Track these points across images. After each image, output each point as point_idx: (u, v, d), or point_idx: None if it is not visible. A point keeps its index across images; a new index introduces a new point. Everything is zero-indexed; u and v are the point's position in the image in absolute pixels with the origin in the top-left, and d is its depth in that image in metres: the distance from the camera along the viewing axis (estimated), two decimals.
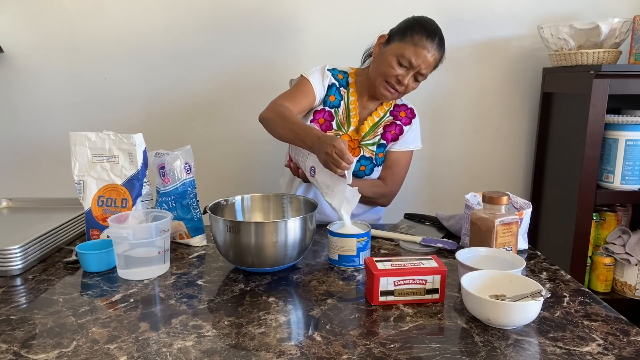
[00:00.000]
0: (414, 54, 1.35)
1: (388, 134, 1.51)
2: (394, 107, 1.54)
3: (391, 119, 1.53)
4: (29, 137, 1.97)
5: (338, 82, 1.50)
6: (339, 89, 1.49)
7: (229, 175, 2.03)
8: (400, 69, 1.38)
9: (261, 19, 1.90)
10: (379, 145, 1.51)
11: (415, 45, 1.35)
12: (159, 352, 0.76)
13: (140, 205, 1.20)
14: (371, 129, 1.51)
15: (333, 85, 1.48)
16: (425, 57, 1.36)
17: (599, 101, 1.59)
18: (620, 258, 1.70)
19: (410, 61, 1.36)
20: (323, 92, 1.47)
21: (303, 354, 0.76)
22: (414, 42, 1.35)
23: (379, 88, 1.43)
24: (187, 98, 1.96)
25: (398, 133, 1.52)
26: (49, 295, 0.97)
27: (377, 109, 1.53)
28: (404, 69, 1.38)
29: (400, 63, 1.37)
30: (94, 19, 1.87)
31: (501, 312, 0.82)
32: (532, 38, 1.95)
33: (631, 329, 0.84)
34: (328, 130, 1.48)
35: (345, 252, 1.11)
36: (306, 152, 1.24)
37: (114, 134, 1.19)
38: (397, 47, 1.37)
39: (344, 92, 1.50)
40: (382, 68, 1.40)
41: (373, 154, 1.50)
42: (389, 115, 1.53)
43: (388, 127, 1.52)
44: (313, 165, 1.23)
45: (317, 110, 1.48)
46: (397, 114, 1.54)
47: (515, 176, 2.09)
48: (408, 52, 1.35)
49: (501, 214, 1.04)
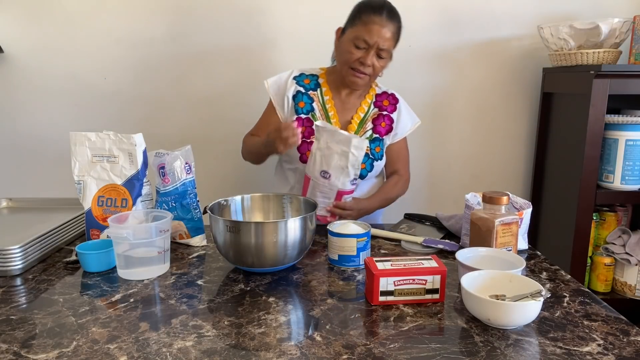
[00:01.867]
0: (367, 32, 1.37)
1: (380, 128, 1.52)
2: (376, 98, 1.55)
3: (377, 111, 1.54)
4: (29, 137, 1.97)
5: (304, 87, 1.52)
6: (306, 94, 1.51)
7: (229, 175, 2.03)
8: (358, 51, 1.40)
9: (261, 20, 1.90)
10: (372, 140, 1.52)
11: (366, 24, 1.38)
12: (159, 352, 0.76)
13: (140, 205, 1.20)
14: (359, 126, 1.51)
15: (298, 92, 1.51)
16: (379, 31, 1.37)
17: (599, 101, 1.59)
18: (620, 258, 1.70)
19: (365, 40, 1.38)
20: (288, 102, 1.51)
21: (303, 354, 0.76)
22: (363, 22, 1.38)
23: (347, 77, 1.45)
24: (187, 98, 1.96)
25: (389, 124, 1.54)
26: (49, 295, 0.97)
27: (361, 103, 1.54)
28: (363, 50, 1.40)
29: (357, 46, 1.40)
30: (94, 19, 1.87)
31: (501, 312, 0.82)
32: (532, 38, 1.95)
33: (631, 329, 0.84)
34: (310, 135, 1.48)
35: (345, 252, 1.11)
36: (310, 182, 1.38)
37: (114, 134, 1.19)
38: (351, 32, 1.41)
39: (314, 94, 1.51)
40: (344, 57, 1.43)
41: (368, 149, 1.51)
42: (373, 107, 1.54)
43: (377, 120, 1.53)
44: (322, 170, 1.33)
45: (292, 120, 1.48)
46: (380, 104, 1.55)
47: (515, 176, 2.09)
48: (361, 33, 1.38)
49: (501, 214, 1.04)
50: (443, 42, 1.96)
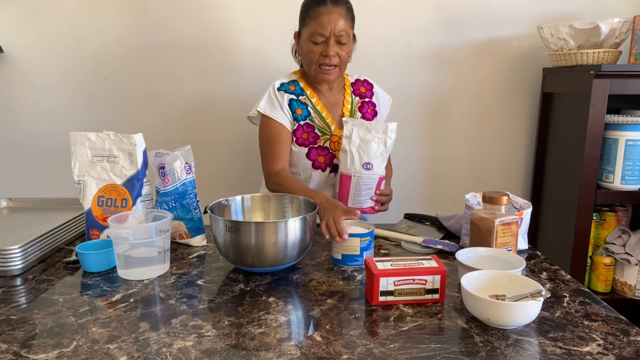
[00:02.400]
0: (318, 25, 1.38)
1: (367, 115, 1.55)
2: (353, 88, 1.57)
3: (359, 99, 1.56)
4: (29, 137, 1.97)
5: (294, 94, 1.50)
6: (298, 100, 1.50)
7: (229, 175, 2.03)
8: (318, 46, 1.40)
9: (261, 19, 1.90)
10: None
11: (314, 19, 1.38)
12: (159, 352, 0.76)
13: (140, 205, 1.20)
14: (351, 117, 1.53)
15: (292, 100, 1.49)
16: (329, 20, 1.37)
17: (599, 101, 1.59)
18: (620, 258, 1.70)
19: (320, 34, 1.38)
20: (289, 114, 1.48)
21: (303, 354, 0.76)
22: (312, 18, 1.39)
23: (317, 76, 1.45)
24: (187, 98, 1.96)
25: (373, 108, 1.56)
26: (49, 295, 0.97)
27: (345, 96, 1.54)
28: (322, 44, 1.40)
29: (315, 42, 1.40)
30: (94, 19, 1.87)
31: (501, 312, 0.82)
32: (532, 38, 1.95)
33: (631, 329, 0.84)
34: (316, 140, 1.48)
35: (348, 252, 1.11)
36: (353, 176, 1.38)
37: (114, 134, 1.19)
38: (305, 32, 1.42)
39: (304, 98, 1.51)
40: (307, 57, 1.43)
41: None
42: (354, 97, 1.56)
43: (362, 108, 1.55)
44: (364, 162, 1.37)
45: (294, 130, 1.48)
46: (359, 92, 1.57)
47: (515, 176, 2.09)
48: (314, 29, 1.39)
49: (501, 214, 1.04)
50: (443, 42, 1.95)
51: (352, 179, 1.37)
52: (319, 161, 1.48)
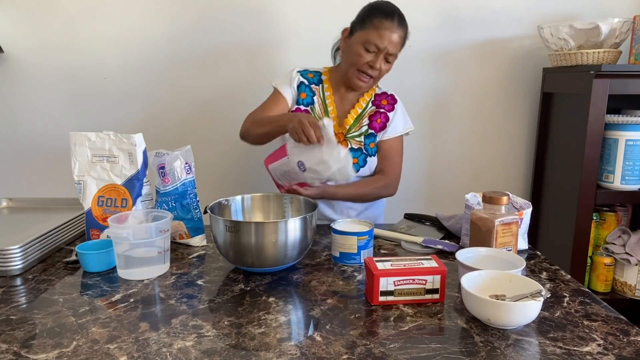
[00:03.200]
0: (378, 37, 1.38)
1: (375, 124, 1.53)
2: (375, 97, 1.56)
3: (374, 108, 1.55)
4: (29, 137, 1.97)
5: (308, 80, 1.53)
6: (309, 86, 1.53)
7: (229, 175, 2.03)
8: (368, 55, 1.41)
9: (261, 20, 1.90)
10: (367, 135, 1.52)
11: (377, 29, 1.38)
12: (159, 352, 0.76)
13: (140, 205, 1.20)
14: (355, 121, 1.52)
15: (302, 83, 1.52)
16: (390, 37, 1.39)
17: (599, 101, 1.59)
18: (620, 258, 1.70)
19: (376, 45, 1.39)
20: (294, 93, 1.52)
21: (303, 354, 0.76)
22: (375, 26, 1.39)
23: (352, 79, 1.46)
24: (187, 98, 1.96)
25: (384, 121, 1.54)
26: (49, 295, 0.97)
27: (359, 100, 1.55)
28: (373, 54, 1.41)
29: (367, 49, 1.40)
30: (94, 19, 1.87)
31: (501, 312, 0.82)
32: (532, 38, 1.95)
33: (631, 329, 0.84)
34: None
35: (346, 250, 1.11)
36: (285, 159, 1.31)
37: (114, 134, 1.19)
38: (361, 35, 1.41)
39: (316, 88, 1.53)
40: (352, 59, 1.43)
41: (361, 144, 1.52)
42: (371, 105, 1.55)
43: (373, 116, 1.54)
44: (297, 160, 1.27)
45: (293, 111, 1.51)
46: (379, 103, 1.56)
47: (515, 176, 2.09)
48: (372, 37, 1.39)
49: (501, 214, 1.04)
50: (443, 42, 1.96)
51: (285, 159, 1.32)
52: None
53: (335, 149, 1.23)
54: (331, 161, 1.23)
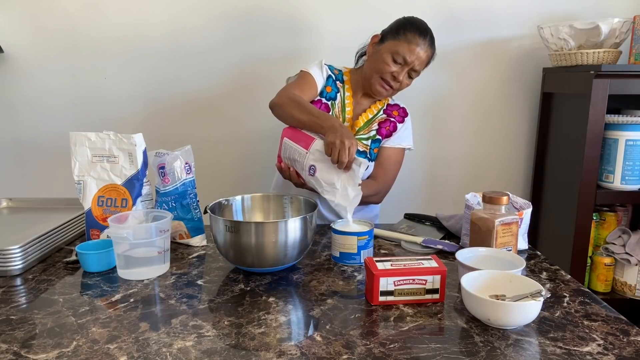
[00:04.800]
0: (408, 50, 1.40)
1: (383, 130, 1.53)
2: (387, 107, 1.57)
3: (385, 116, 1.55)
4: (29, 137, 1.97)
5: (334, 76, 1.54)
6: (335, 82, 1.53)
7: (229, 175, 2.03)
8: (395, 65, 1.42)
9: (261, 19, 1.90)
10: (374, 140, 1.52)
11: (409, 43, 1.40)
12: (159, 352, 0.76)
13: (140, 205, 1.20)
14: (365, 125, 1.52)
15: (330, 77, 1.53)
16: (419, 53, 1.41)
17: (599, 101, 1.59)
18: (620, 258, 1.70)
19: (404, 58, 1.40)
20: (323, 83, 1.52)
21: (303, 354, 0.76)
22: (407, 40, 1.40)
23: (374, 85, 1.46)
24: (187, 98, 1.96)
25: (392, 130, 1.54)
26: (49, 295, 0.97)
27: (371, 106, 1.55)
28: (399, 65, 1.42)
29: (395, 60, 1.41)
30: (94, 19, 1.87)
31: (501, 312, 0.82)
32: (532, 38, 1.95)
33: (631, 329, 0.84)
34: None
35: (346, 250, 1.11)
36: (304, 151, 1.25)
37: (114, 134, 1.19)
38: (392, 45, 1.42)
39: (340, 86, 1.53)
40: (378, 65, 1.43)
41: (367, 148, 1.51)
42: (382, 113, 1.55)
43: (382, 123, 1.54)
44: (313, 164, 1.23)
45: (313, 101, 1.50)
46: (390, 112, 1.56)
47: (515, 176, 2.09)
48: (402, 49, 1.40)
49: (501, 214, 1.04)
50: (443, 42, 1.94)
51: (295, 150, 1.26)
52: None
53: (352, 186, 1.16)
54: (339, 193, 1.18)
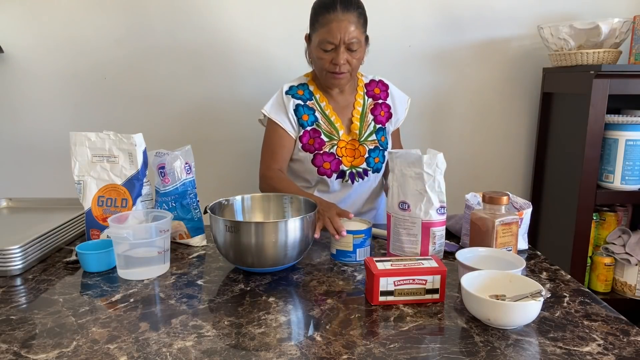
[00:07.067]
0: (328, 33, 1.34)
1: (380, 117, 1.52)
2: (366, 88, 1.54)
3: (372, 101, 1.53)
4: (29, 137, 1.97)
5: (302, 99, 1.48)
6: (305, 105, 1.48)
7: (229, 175, 2.03)
8: (328, 54, 1.38)
9: (261, 19, 1.90)
10: (377, 131, 1.52)
11: (324, 26, 1.35)
12: (159, 352, 0.76)
13: (140, 205, 1.20)
14: (361, 121, 1.51)
15: (298, 106, 1.48)
16: (339, 28, 1.33)
17: (599, 101, 1.59)
18: (620, 258, 1.70)
19: (329, 42, 1.35)
20: (294, 119, 1.47)
21: (303, 354, 0.76)
22: (321, 24, 1.36)
23: (328, 81, 1.44)
24: (187, 98, 1.96)
25: (387, 110, 1.53)
26: (49, 295, 0.97)
27: (356, 98, 1.52)
28: (331, 51, 1.37)
29: (325, 49, 1.37)
30: (94, 19, 1.87)
31: (501, 312, 0.82)
32: (532, 38, 1.95)
33: (631, 329, 0.84)
34: (322, 146, 1.47)
35: (342, 248, 1.12)
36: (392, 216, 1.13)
37: (114, 134, 1.19)
38: (315, 38, 1.39)
39: (312, 103, 1.49)
40: (317, 64, 1.42)
41: (376, 142, 1.51)
42: (367, 98, 1.53)
43: (375, 110, 1.52)
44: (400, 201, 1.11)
45: (300, 136, 1.48)
46: (372, 94, 1.54)
47: (515, 176, 2.09)
48: (324, 37, 1.35)
49: (501, 214, 1.04)
50: (443, 42, 1.95)
51: (392, 219, 1.12)
52: (324, 167, 1.47)
53: (413, 155, 1.10)
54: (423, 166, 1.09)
